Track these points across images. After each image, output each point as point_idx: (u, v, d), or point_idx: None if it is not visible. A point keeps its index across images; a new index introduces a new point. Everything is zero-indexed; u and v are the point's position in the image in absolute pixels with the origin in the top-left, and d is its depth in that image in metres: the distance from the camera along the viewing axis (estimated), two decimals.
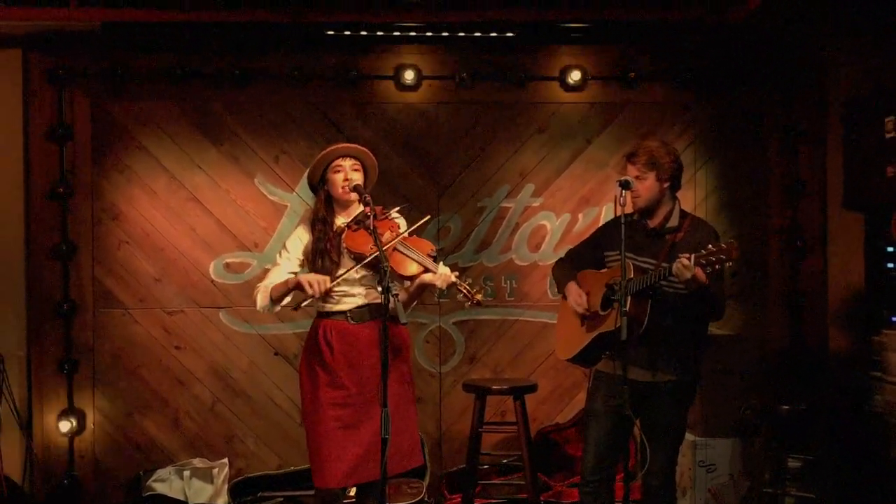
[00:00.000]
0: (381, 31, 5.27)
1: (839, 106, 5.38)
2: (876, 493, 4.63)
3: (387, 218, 3.92)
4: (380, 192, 4.20)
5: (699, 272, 3.56)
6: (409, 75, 5.39)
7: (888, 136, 4.82)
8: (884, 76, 5.11)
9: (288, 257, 3.93)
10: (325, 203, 3.93)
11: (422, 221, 3.89)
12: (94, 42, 5.23)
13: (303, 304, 3.84)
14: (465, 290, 3.80)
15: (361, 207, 3.84)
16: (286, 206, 5.46)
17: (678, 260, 3.59)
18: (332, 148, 3.90)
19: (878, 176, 4.92)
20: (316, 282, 3.74)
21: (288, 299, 3.91)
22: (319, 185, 3.95)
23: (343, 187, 3.85)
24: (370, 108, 5.46)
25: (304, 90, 5.40)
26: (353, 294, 3.88)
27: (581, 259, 4.19)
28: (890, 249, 5.09)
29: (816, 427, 4.66)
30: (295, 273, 3.92)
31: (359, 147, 3.96)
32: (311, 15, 5.04)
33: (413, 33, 5.32)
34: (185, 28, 5.15)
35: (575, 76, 5.44)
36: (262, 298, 3.89)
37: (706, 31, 5.25)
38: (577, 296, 4.05)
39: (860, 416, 4.85)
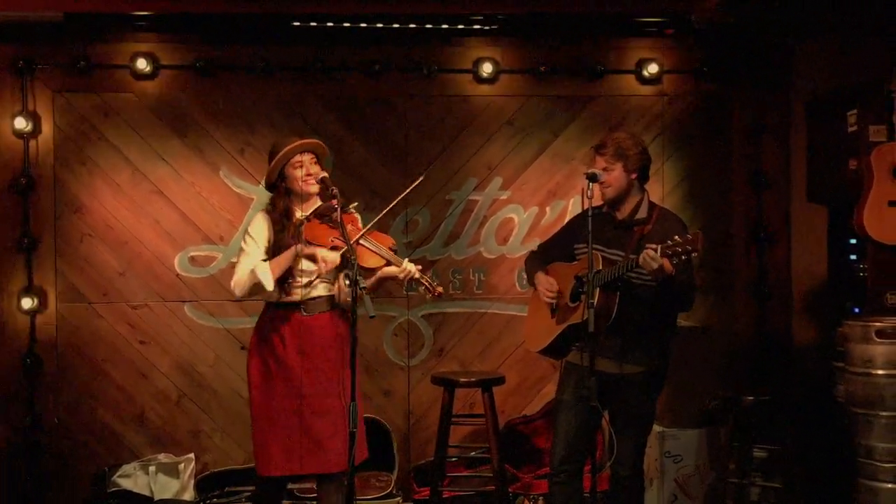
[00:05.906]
0: (346, 22, 5.23)
1: (803, 100, 5.45)
2: (840, 482, 4.69)
3: (347, 212, 3.95)
4: (347, 183, 4.19)
5: (666, 262, 3.59)
6: (377, 67, 5.36)
7: (850, 130, 4.87)
8: (847, 72, 5.17)
9: (255, 244, 3.92)
10: (284, 197, 3.97)
11: (418, 181, 4.01)
12: (57, 33, 5.14)
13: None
14: (426, 283, 3.89)
15: (320, 201, 3.91)
16: (252, 199, 5.40)
17: (644, 250, 3.61)
18: (290, 147, 3.92)
19: (840, 169, 4.97)
20: (330, 260, 3.81)
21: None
22: (277, 181, 3.98)
23: (305, 180, 3.91)
24: (337, 99, 5.42)
25: (269, 81, 5.35)
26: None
27: (552, 252, 4.22)
28: (852, 241, 5.15)
29: (781, 417, 4.71)
30: (264, 260, 3.91)
31: (315, 141, 4.03)
32: (276, 5, 4.99)
33: (379, 24, 5.28)
34: (151, 19, 5.09)
35: (542, 69, 5.44)
36: (266, 277, 3.79)
37: (673, 23, 5.28)
38: (546, 284, 4.07)
39: (824, 406, 4.91)
